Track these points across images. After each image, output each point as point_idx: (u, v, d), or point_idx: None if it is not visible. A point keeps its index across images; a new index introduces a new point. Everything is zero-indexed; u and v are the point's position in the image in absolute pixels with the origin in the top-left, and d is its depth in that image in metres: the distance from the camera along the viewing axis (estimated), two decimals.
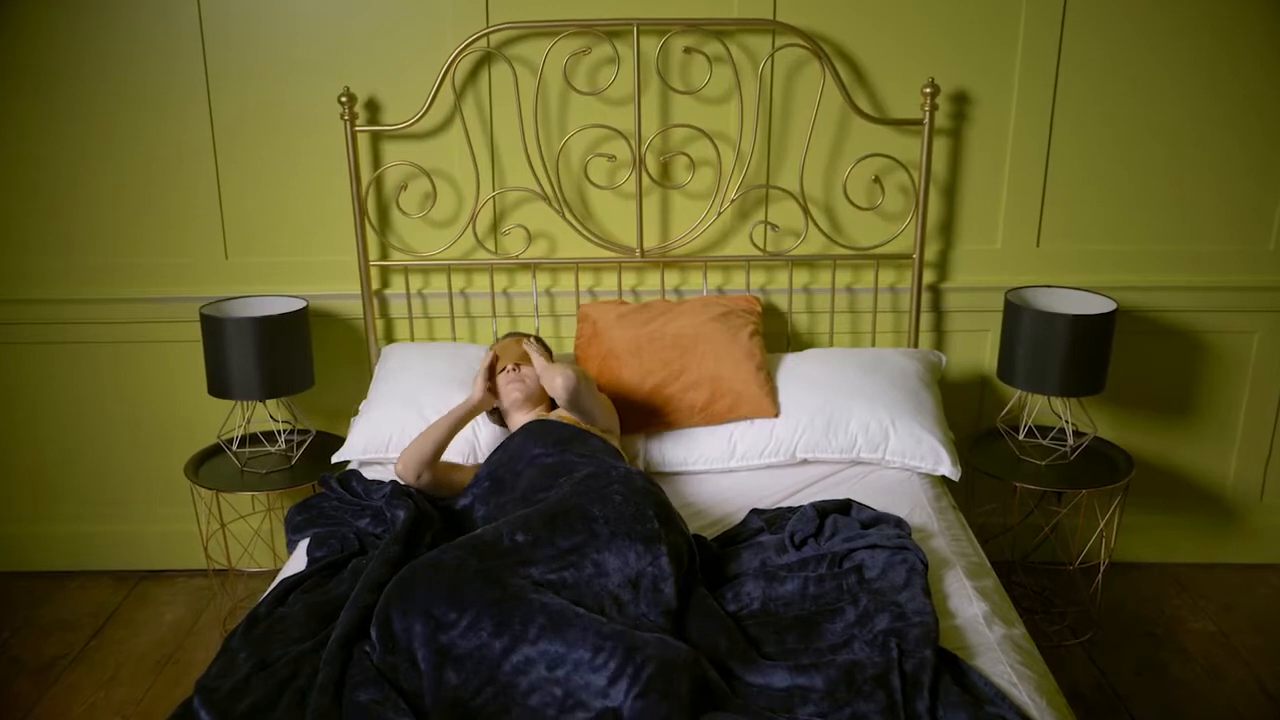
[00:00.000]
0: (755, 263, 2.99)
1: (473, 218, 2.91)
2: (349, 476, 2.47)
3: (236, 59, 2.84)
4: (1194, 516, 3.22)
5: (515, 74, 2.78)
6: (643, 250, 2.93)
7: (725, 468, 2.63)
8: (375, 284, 2.98)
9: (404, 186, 2.91)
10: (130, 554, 3.25)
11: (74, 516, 3.23)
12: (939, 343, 3.08)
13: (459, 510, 2.29)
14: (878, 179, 2.91)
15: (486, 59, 2.83)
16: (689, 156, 2.87)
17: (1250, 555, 3.24)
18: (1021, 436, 2.93)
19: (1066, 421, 2.87)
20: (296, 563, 2.22)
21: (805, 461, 2.62)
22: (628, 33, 2.76)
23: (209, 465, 2.91)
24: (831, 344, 3.03)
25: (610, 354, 2.72)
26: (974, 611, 1.97)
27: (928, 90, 2.76)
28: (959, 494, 2.84)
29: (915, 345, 2.98)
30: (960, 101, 2.89)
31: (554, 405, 2.54)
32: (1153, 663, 2.78)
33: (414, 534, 2.08)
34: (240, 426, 2.95)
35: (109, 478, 3.20)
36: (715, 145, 2.85)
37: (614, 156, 2.88)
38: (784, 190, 2.92)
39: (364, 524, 2.27)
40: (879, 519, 2.18)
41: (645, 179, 2.88)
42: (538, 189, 2.88)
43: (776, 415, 2.63)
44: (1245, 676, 2.72)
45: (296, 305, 2.85)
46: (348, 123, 2.79)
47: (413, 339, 3.03)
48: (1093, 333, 2.67)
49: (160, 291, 3.02)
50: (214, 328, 2.71)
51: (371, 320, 2.97)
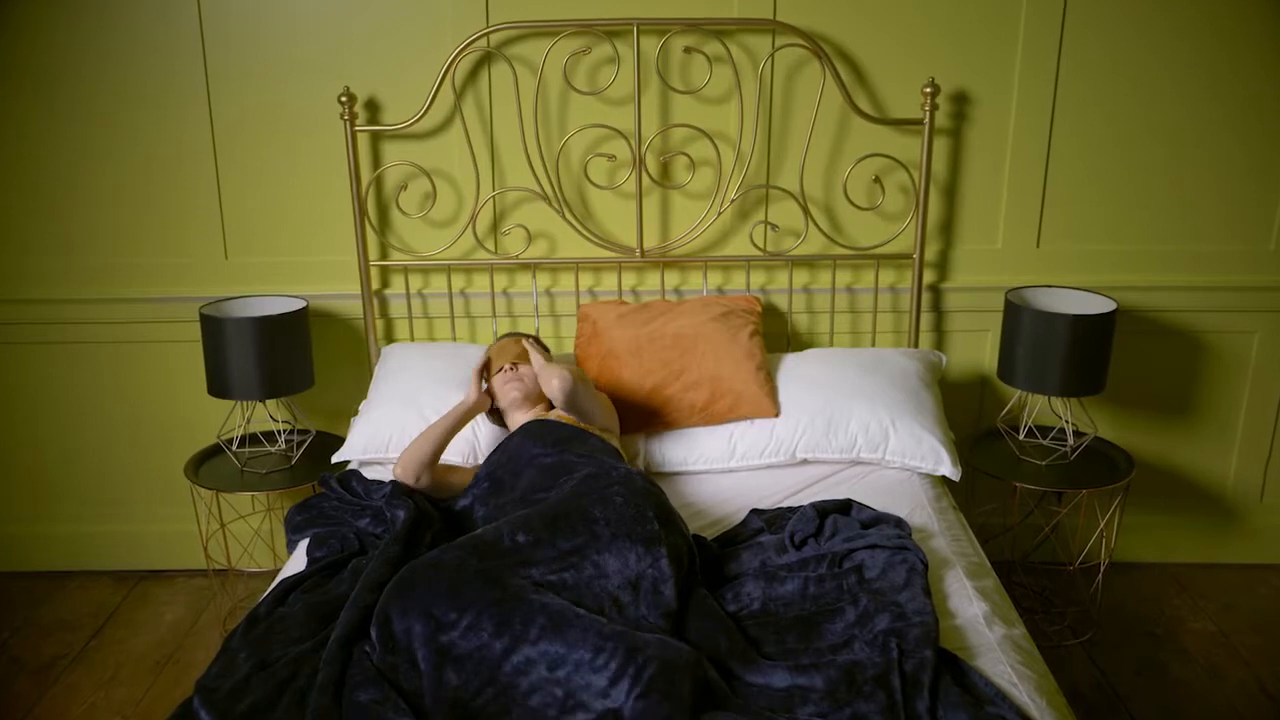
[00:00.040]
0: (755, 263, 2.99)
1: (473, 218, 2.91)
2: (349, 476, 2.47)
3: (236, 59, 2.84)
4: (1194, 517, 3.22)
5: (515, 74, 2.78)
6: (643, 250, 2.93)
7: (725, 468, 2.63)
8: (375, 284, 2.98)
9: (404, 186, 2.91)
10: (130, 554, 3.25)
11: (74, 516, 3.23)
12: (939, 343, 3.08)
13: (459, 511, 2.29)
14: (878, 179, 2.91)
15: (486, 59, 2.83)
16: (689, 156, 2.87)
17: (1250, 555, 3.25)
18: (1022, 436, 2.93)
19: (1066, 421, 2.87)
20: (296, 563, 2.22)
21: (805, 461, 2.62)
22: (628, 32, 2.76)
23: (209, 465, 2.91)
24: (831, 344, 3.03)
25: (610, 354, 2.72)
26: (974, 611, 1.97)
27: (928, 90, 2.76)
28: (959, 494, 2.84)
29: (915, 345, 2.98)
30: (960, 101, 2.89)
31: (553, 405, 2.54)
32: (1153, 663, 2.78)
33: (414, 534, 2.08)
34: (240, 426, 2.95)
35: (109, 478, 3.20)
36: (715, 145, 2.85)
37: (614, 156, 2.88)
38: (784, 190, 2.92)
39: (364, 524, 2.27)
40: (879, 519, 2.18)
41: (645, 179, 2.88)
42: (538, 189, 2.88)
43: (776, 415, 2.63)
44: (1245, 676, 2.72)
45: (296, 305, 2.85)
46: (348, 123, 2.79)
47: (413, 339, 3.03)
48: (1093, 333, 2.67)
49: (160, 291, 3.02)
50: (214, 328, 2.71)
51: (371, 320, 2.97)
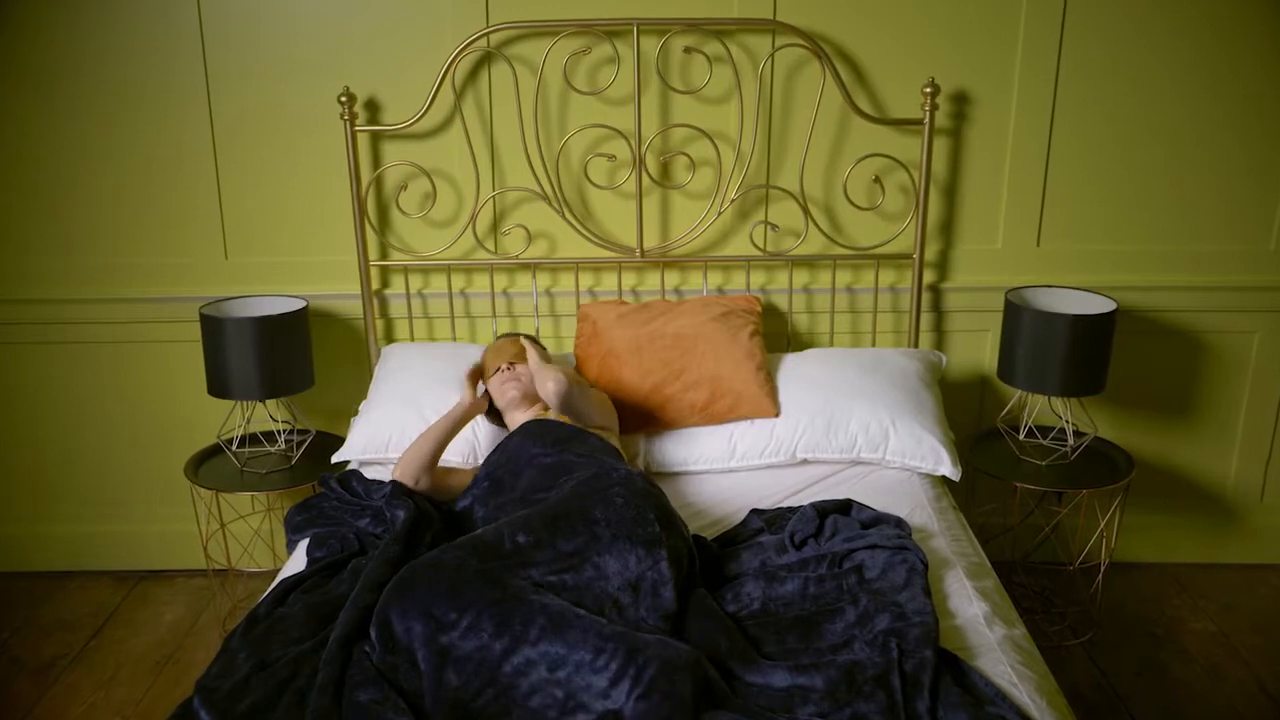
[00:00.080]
0: (755, 263, 2.99)
1: (473, 218, 2.91)
2: (349, 476, 2.46)
3: (236, 59, 2.84)
4: (1194, 517, 3.22)
5: (515, 74, 2.78)
6: (643, 250, 2.93)
7: (725, 468, 2.63)
8: (375, 284, 2.98)
9: (404, 186, 2.91)
10: (130, 554, 3.25)
11: (74, 516, 3.23)
12: (939, 343, 3.08)
13: (459, 511, 2.29)
14: (878, 179, 2.91)
15: (486, 59, 2.83)
16: (689, 156, 2.87)
17: (1250, 555, 3.24)
18: (1022, 436, 2.93)
19: (1067, 421, 2.87)
20: (296, 563, 2.22)
21: (805, 461, 2.62)
22: (628, 32, 2.76)
23: (209, 465, 2.91)
24: (831, 344, 3.02)
25: (610, 354, 2.72)
26: (974, 612, 1.97)
27: (928, 90, 2.76)
28: (959, 494, 2.84)
29: (915, 345, 2.98)
30: (960, 101, 2.88)
31: None
32: (1153, 663, 2.77)
33: (414, 534, 2.08)
34: (240, 426, 2.95)
35: (109, 478, 3.20)
36: (715, 145, 2.85)
37: (614, 156, 2.88)
38: (784, 190, 2.92)
39: (364, 524, 2.27)
40: (879, 519, 2.18)
41: (645, 179, 2.88)
42: (538, 189, 2.88)
43: (777, 415, 2.63)
44: (1245, 677, 2.72)
45: (296, 305, 2.84)
46: (347, 123, 2.79)
47: (413, 339, 3.03)
48: (1093, 333, 2.67)
49: (160, 291, 3.02)
50: (214, 328, 2.71)
51: (371, 320, 2.97)
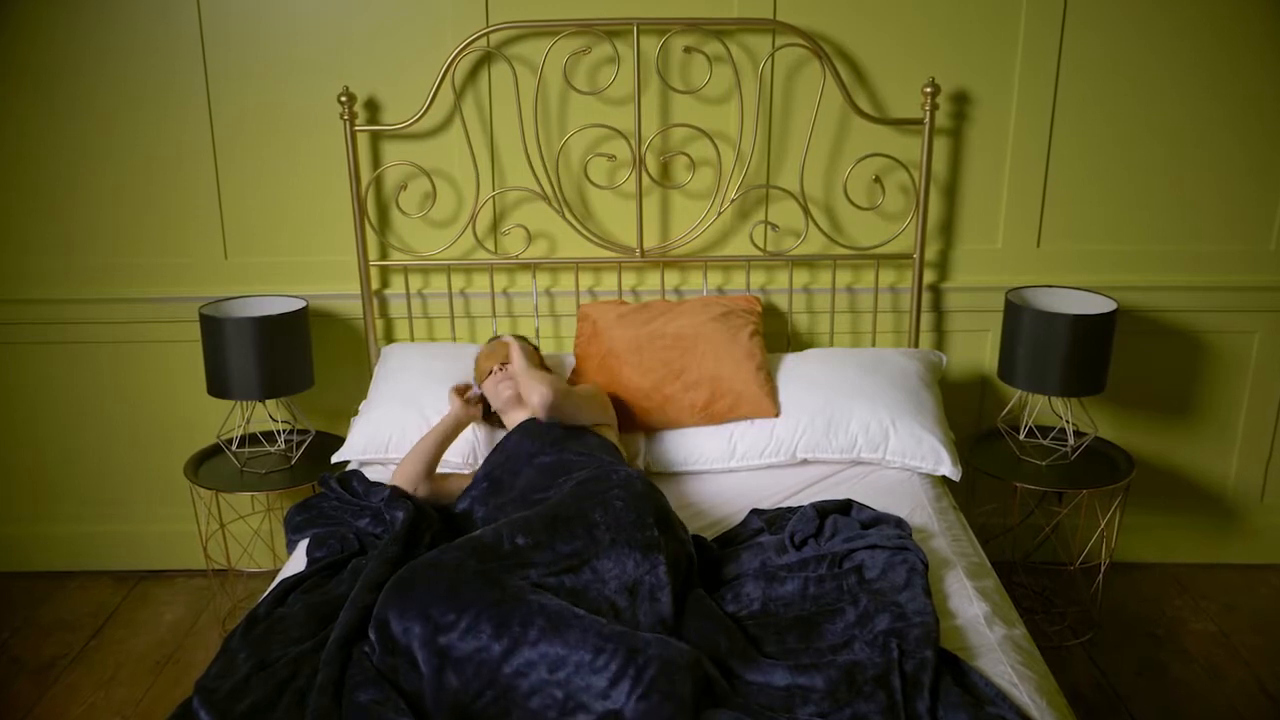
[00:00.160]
0: (755, 263, 2.99)
1: (473, 218, 2.91)
2: (349, 477, 2.46)
3: (236, 59, 2.84)
4: (1195, 517, 3.22)
5: (515, 74, 2.78)
6: (643, 250, 2.93)
7: (725, 468, 2.63)
8: (375, 284, 2.98)
9: (404, 186, 2.90)
10: (130, 554, 3.25)
11: (74, 516, 3.23)
12: (939, 343, 3.08)
13: (459, 513, 2.28)
14: (878, 179, 2.91)
15: (486, 59, 2.83)
16: (689, 156, 2.87)
17: (1251, 555, 3.24)
18: (1022, 436, 2.92)
19: (1067, 421, 2.86)
20: (296, 563, 2.22)
21: (805, 461, 2.62)
22: (628, 32, 2.76)
23: (208, 465, 2.90)
24: (832, 344, 3.02)
25: (610, 353, 2.72)
26: (974, 612, 1.97)
27: (928, 90, 2.76)
28: (959, 494, 2.84)
29: (915, 345, 2.98)
30: (960, 101, 2.88)
31: None
32: (1153, 663, 2.77)
33: (413, 534, 2.08)
34: (240, 426, 2.95)
35: (109, 478, 3.20)
36: (715, 145, 2.85)
37: (614, 156, 2.88)
38: (784, 190, 2.92)
39: (364, 524, 2.27)
40: (879, 519, 2.18)
41: (645, 179, 2.88)
42: (538, 189, 2.88)
43: (777, 415, 2.63)
44: (1245, 677, 2.72)
45: (296, 305, 2.84)
46: (347, 122, 2.79)
47: (413, 339, 3.03)
48: (1093, 333, 2.67)
49: (160, 291, 3.02)
50: (213, 328, 2.71)
51: (371, 320, 2.97)
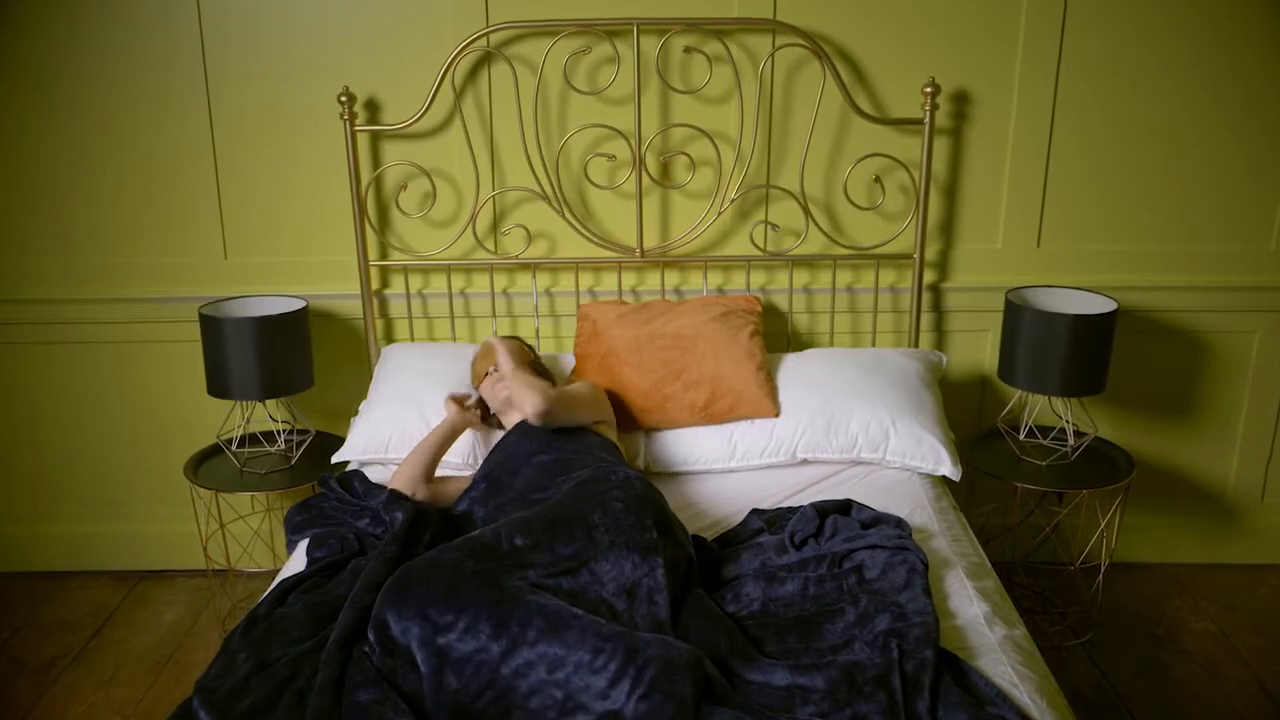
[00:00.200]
0: (755, 263, 2.99)
1: (472, 218, 2.91)
2: (349, 477, 2.46)
3: (236, 59, 2.84)
4: (1195, 517, 3.22)
5: (515, 73, 2.78)
6: (643, 250, 2.92)
7: (725, 468, 2.62)
8: (375, 284, 2.98)
9: (404, 186, 2.90)
10: (130, 554, 3.25)
11: (74, 516, 3.23)
12: (939, 343, 3.08)
13: (459, 514, 2.27)
14: (878, 179, 2.91)
15: (486, 58, 2.83)
16: (689, 156, 2.87)
17: (1251, 555, 3.24)
18: (1022, 436, 2.92)
19: (1067, 422, 2.86)
20: (296, 563, 2.21)
21: (805, 461, 2.62)
22: (628, 32, 2.76)
23: (208, 465, 2.90)
24: (832, 344, 3.02)
25: (610, 353, 2.72)
26: (975, 612, 1.97)
27: (928, 90, 2.76)
28: (960, 494, 2.84)
29: (915, 345, 2.98)
30: (961, 101, 2.88)
31: None
32: (1153, 663, 2.77)
33: (412, 534, 2.08)
34: (240, 427, 2.95)
35: (109, 478, 3.19)
36: (715, 145, 2.85)
37: (614, 156, 2.88)
38: (784, 190, 2.92)
39: (363, 524, 2.27)
40: (879, 519, 2.18)
41: (645, 179, 2.87)
42: (538, 189, 2.88)
43: (777, 415, 2.63)
44: (1246, 677, 2.72)
45: (296, 305, 2.84)
46: (347, 122, 2.79)
47: (413, 339, 3.03)
48: (1093, 333, 2.67)
49: (160, 291, 3.02)
50: (213, 328, 2.71)
51: (371, 320, 2.97)
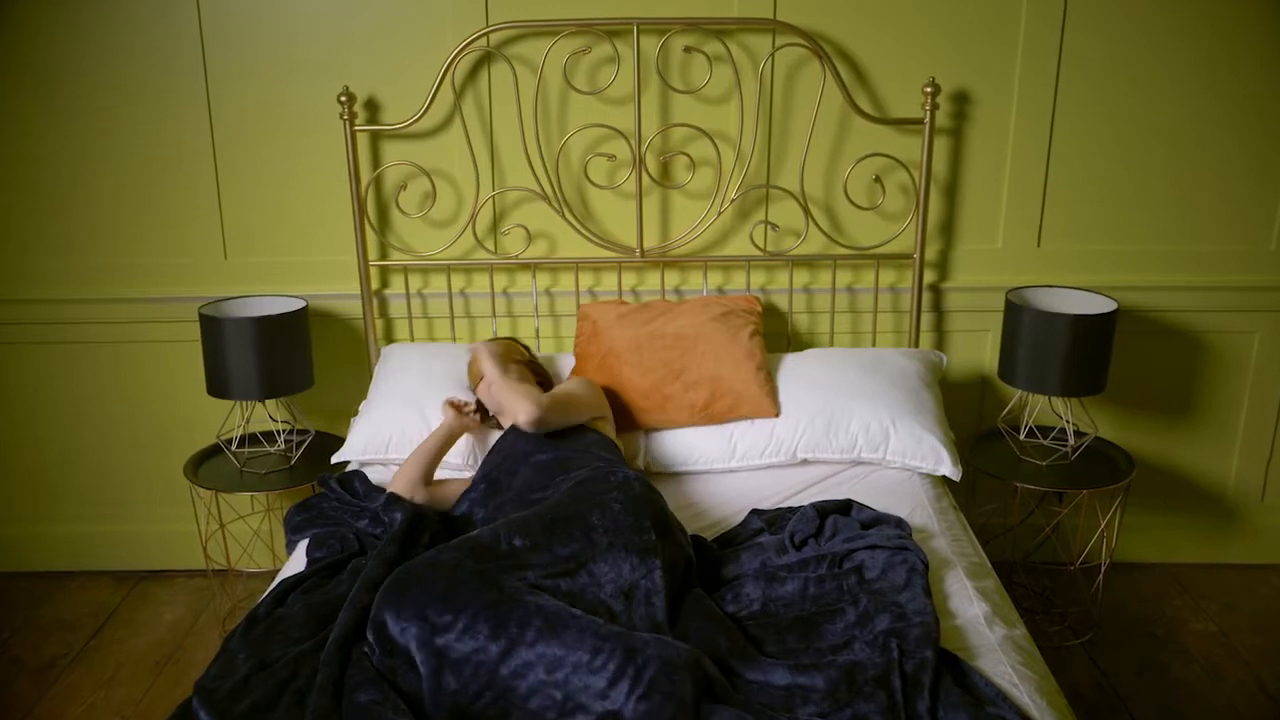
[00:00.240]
0: (755, 263, 2.99)
1: (472, 217, 2.91)
2: (350, 477, 2.46)
3: (236, 59, 2.84)
4: (1195, 517, 3.22)
5: (515, 73, 2.78)
6: (643, 250, 2.92)
7: (725, 468, 2.62)
8: (375, 284, 2.98)
9: (404, 186, 2.90)
10: (130, 554, 3.25)
11: (74, 516, 3.23)
12: (939, 343, 3.08)
13: (459, 516, 2.26)
14: (878, 179, 2.90)
15: (486, 58, 2.83)
16: (689, 156, 2.87)
17: (1251, 556, 3.24)
18: (1022, 436, 2.92)
19: (1067, 421, 2.86)
20: (296, 563, 2.21)
21: (806, 461, 2.62)
22: (628, 32, 2.76)
23: (208, 465, 2.90)
24: (832, 344, 3.02)
25: (610, 353, 2.72)
26: (975, 612, 1.97)
27: (928, 90, 2.76)
28: (960, 494, 2.83)
29: (916, 345, 2.98)
30: (961, 101, 2.88)
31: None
32: (1154, 663, 2.77)
33: (411, 534, 2.07)
34: (239, 427, 2.95)
35: (109, 478, 3.19)
36: (715, 145, 2.85)
37: (614, 156, 2.88)
38: (784, 190, 2.92)
39: (363, 525, 2.27)
40: (879, 519, 2.18)
41: (645, 179, 2.87)
42: (537, 189, 2.88)
43: (777, 415, 2.62)
44: (1246, 677, 2.72)
45: (296, 305, 2.84)
46: (347, 122, 2.79)
47: (412, 339, 3.03)
48: (1093, 333, 2.67)
49: (160, 291, 3.02)
50: (213, 328, 2.71)
51: (371, 320, 2.97)
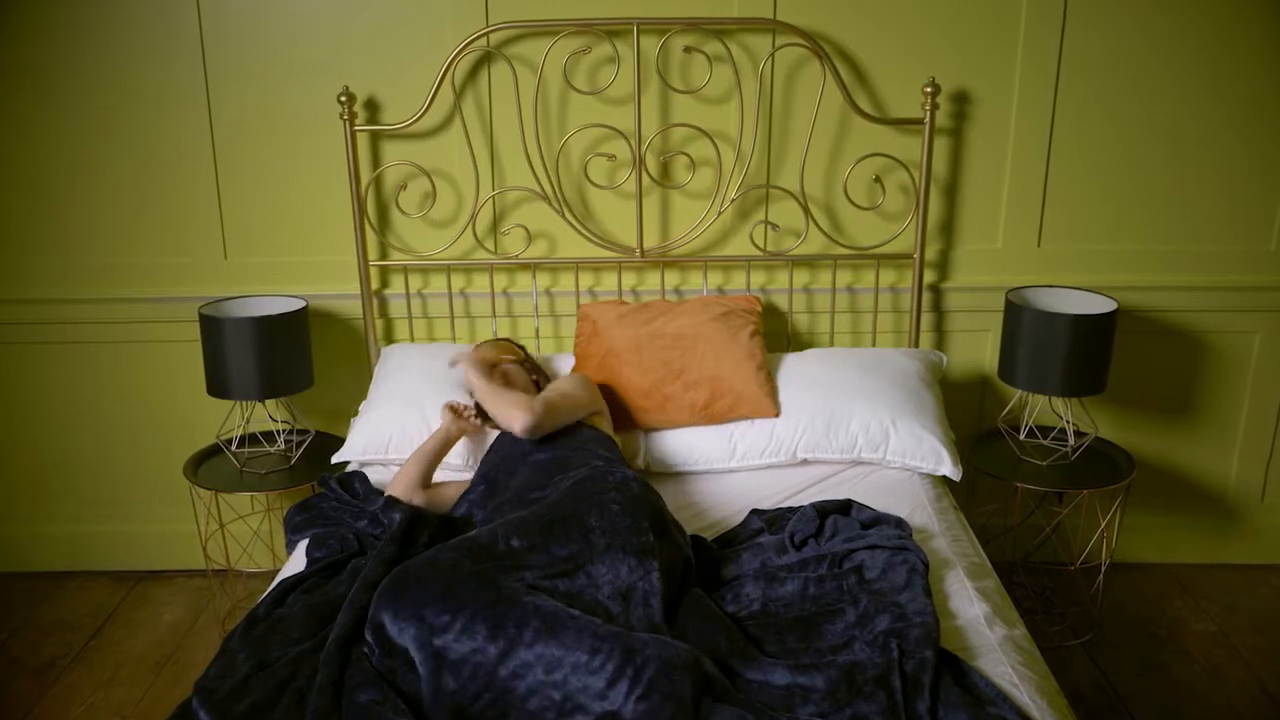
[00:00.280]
0: (755, 263, 2.98)
1: (472, 217, 2.91)
2: (350, 478, 2.46)
3: (236, 59, 2.84)
4: (1195, 517, 3.22)
5: (515, 73, 2.78)
6: (643, 250, 2.92)
7: (726, 468, 2.62)
8: (375, 284, 2.98)
9: (403, 186, 2.90)
10: (129, 554, 3.25)
11: (73, 517, 3.22)
12: (940, 343, 3.08)
13: (459, 518, 2.25)
14: (878, 179, 2.90)
15: (486, 58, 2.83)
16: (689, 156, 2.87)
17: (1251, 556, 3.24)
18: (1022, 436, 2.92)
19: (1067, 422, 2.86)
20: (296, 563, 2.21)
21: (806, 461, 2.62)
22: (628, 32, 2.76)
23: (208, 465, 2.90)
24: (832, 344, 3.02)
25: (610, 353, 2.72)
26: (975, 612, 1.97)
27: (928, 90, 2.76)
28: (960, 494, 2.83)
29: (916, 345, 2.98)
30: (961, 101, 2.88)
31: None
32: (1154, 663, 2.77)
33: (410, 534, 2.07)
34: (239, 426, 2.95)
35: (108, 478, 3.19)
36: (715, 145, 2.85)
37: (614, 156, 2.88)
38: (784, 190, 2.91)
39: (363, 525, 2.27)
40: (879, 519, 2.17)
41: (645, 179, 2.87)
42: (537, 189, 2.87)
43: (777, 415, 2.62)
44: (1246, 677, 2.71)
45: (296, 305, 2.84)
46: (347, 122, 2.79)
47: (412, 339, 3.03)
48: (1094, 333, 2.67)
49: (159, 291, 3.02)
50: (213, 328, 2.71)
51: (371, 320, 2.97)
